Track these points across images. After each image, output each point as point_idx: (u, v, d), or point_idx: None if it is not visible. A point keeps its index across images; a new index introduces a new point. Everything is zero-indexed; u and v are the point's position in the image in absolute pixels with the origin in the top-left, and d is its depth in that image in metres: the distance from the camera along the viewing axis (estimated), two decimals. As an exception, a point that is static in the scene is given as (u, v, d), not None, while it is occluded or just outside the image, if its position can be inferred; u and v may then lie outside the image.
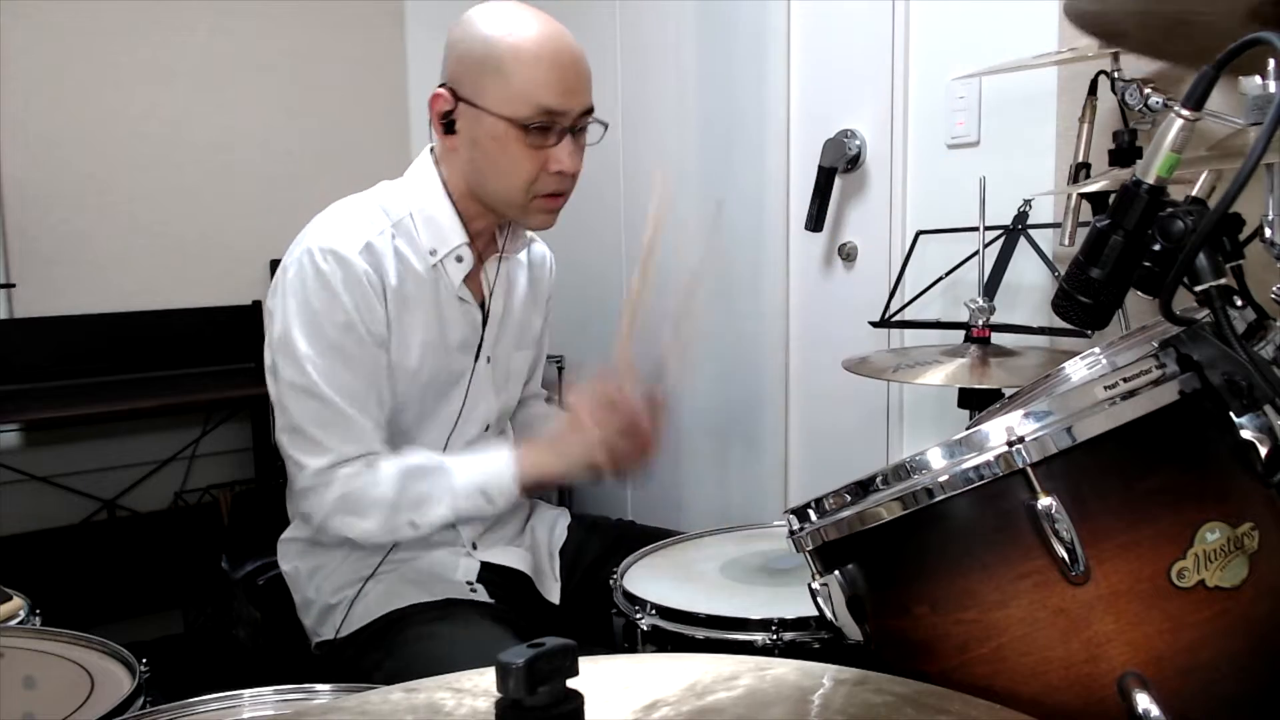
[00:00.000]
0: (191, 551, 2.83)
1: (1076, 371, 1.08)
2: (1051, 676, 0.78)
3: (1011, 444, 0.78)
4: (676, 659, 0.80)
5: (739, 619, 1.13)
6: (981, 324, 1.68)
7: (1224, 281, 0.81)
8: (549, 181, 1.34)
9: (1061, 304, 0.92)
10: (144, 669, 1.00)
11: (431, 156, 1.41)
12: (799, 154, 2.43)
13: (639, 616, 1.18)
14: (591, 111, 1.35)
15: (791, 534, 0.92)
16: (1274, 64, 1.02)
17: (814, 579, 0.90)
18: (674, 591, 1.23)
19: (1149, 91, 1.48)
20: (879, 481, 0.85)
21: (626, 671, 0.75)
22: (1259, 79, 1.07)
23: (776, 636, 1.10)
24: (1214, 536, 0.78)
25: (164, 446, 2.92)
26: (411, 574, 1.41)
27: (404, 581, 1.40)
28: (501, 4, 1.34)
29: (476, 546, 1.47)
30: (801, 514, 0.92)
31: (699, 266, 1.43)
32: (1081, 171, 1.64)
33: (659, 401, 1.37)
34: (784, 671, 0.72)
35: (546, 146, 1.31)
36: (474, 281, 1.44)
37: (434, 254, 1.38)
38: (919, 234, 2.06)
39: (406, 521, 1.34)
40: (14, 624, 1.17)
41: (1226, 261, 0.83)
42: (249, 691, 0.98)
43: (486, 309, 1.45)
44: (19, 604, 1.21)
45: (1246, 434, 0.78)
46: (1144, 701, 0.74)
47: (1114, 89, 1.55)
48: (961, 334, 1.72)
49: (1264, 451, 0.78)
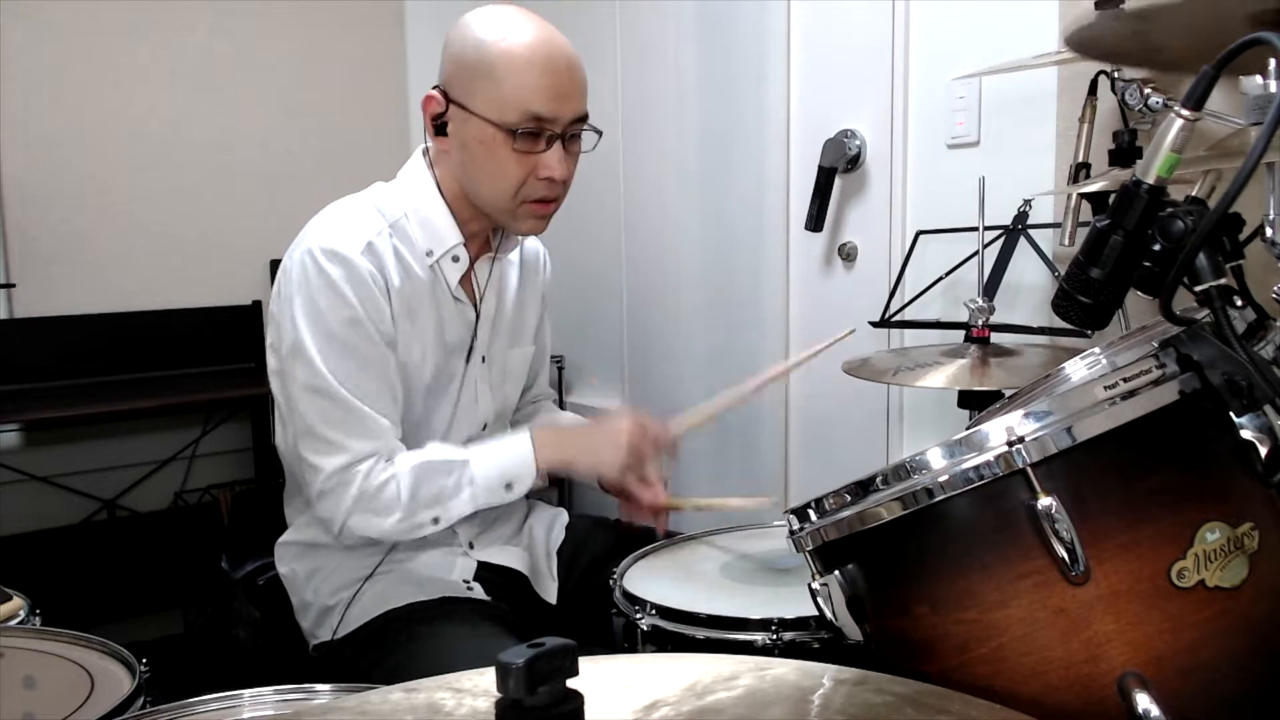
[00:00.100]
0: (191, 551, 2.83)
1: (1076, 371, 1.08)
2: (1051, 676, 0.78)
3: (1011, 444, 0.78)
4: (676, 659, 0.80)
5: (739, 619, 1.13)
6: (981, 324, 1.67)
7: (1224, 281, 0.81)
8: (537, 187, 1.33)
9: (1061, 304, 0.92)
10: (144, 669, 1.00)
11: (425, 159, 1.41)
12: (799, 154, 2.42)
13: (639, 616, 1.18)
14: (585, 119, 1.35)
15: (791, 534, 0.93)
16: (1274, 64, 1.02)
17: (814, 579, 0.91)
18: (674, 591, 1.23)
19: (1149, 91, 1.49)
20: (879, 481, 0.85)
21: (626, 671, 0.74)
22: (1259, 79, 1.07)
23: (776, 636, 1.09)
24: (1214, 536, 0.78)
25: (164, 446, 2.92)
26: (408, 574, 1.41)
27: (401, 582, 1.40)
28: (499, 8, 1.33)
29: (474, 546, 1.47)
30: (801, 514, 0.92)
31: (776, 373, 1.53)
32: (1081, 171, 1.64)
33: (672, 450, 1.44)
34: (784, 671, 0.72)
35: (535, 152, 1.31)
36: (467, 282, 1.45)
37: (430, 255, 1.38)
38: (919, 234, 2.06)
39: (429, 518, 1.34)
40: (14, 624, 1.17)
41: (1226, 261, 0.83)
42: (249, 691, 0.98)
43: (479, 309, 1.46)
44: (19, 604, 1.21)
45: (1246, 434, 0.78)
46: (1144, 701, 0.74)
47: (1114, 89, 1.55)
48: (961, 334, 1.72)
49: (1264, 451, 0.78)
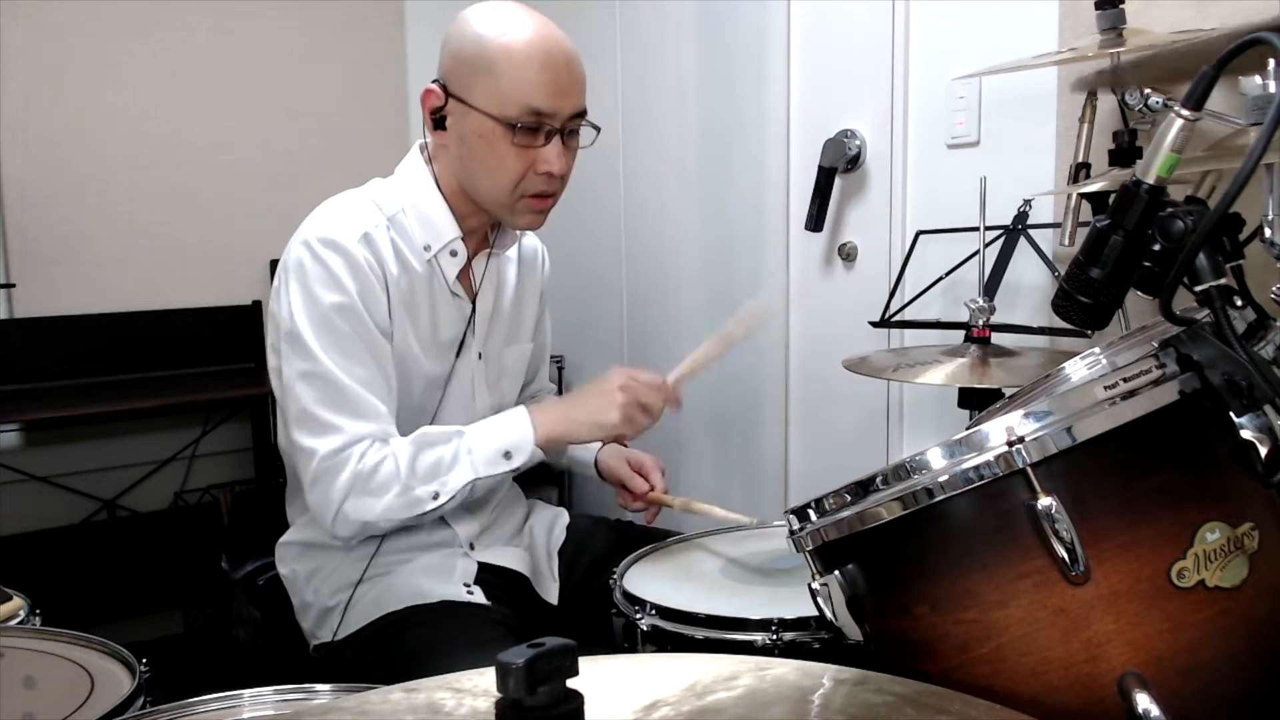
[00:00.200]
0: (191, 551, 2.83)
1: (1076, 371, 1.08)
2: (1051, 676, 0.78)
3: (1011, 444, 0.78)
4: (676, 659, 0.80)
5: (739, 619, 1.13)
6: (981, 324, 1.68)
7: (1224, 281, 0.81)
8: (536, 182, 1.34)
9: (1061, 304, 0.92)
10: (144, 669, 1.00)
11: (422, 154, 1.42)
12: (799, 154, 2.42)
13: (639, 616, 1.18)
14: (584, 114, 1.35)
15: (791, 534, 0.92)
16: (1274, 64, 1.02)
17: (814, 579, 0.91)
18: (674, 591, 1.23)
19: (1149, 91, 1.49)
20: (879, 481, 0.85)
21: (626, 671, 0.74)
22: (1259, 79, 1.07)
23: (776, 636, 1.09)
24: (1214, 536, 0.78)
25: (164, 446, 2.92)
26: (408, 575, 1.40)
27: (401, 584, 1.39)
28: (498, 4, 1.34)
29: (474, 546, 1.47)
30: (801, 514, 0.92)
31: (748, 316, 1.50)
32: (1081, 171, 1.64)
33: (675, 398, 1.41)
34: (784, 671, 0.72)
35: (534, 147, 1.31)
36: (464, 278, 1.45)
37: (428, 249, 1.39)
38: (919, 234, 2.05)
39: (428, 493, 1.31)
40: (14, 624, 1.17)
41: (1226, 261, 0.83)
42: (249, 691, 0.98)
43: (476, 305, 1.46)
44: (19, 604, 1.20)
45: (1246, 434, 0.78)
46: (1144, 701, 0.74)
47: (1114, 89, 1.55)
48: (961, 334, 1.72)
49: (1264, 451, 0.78)
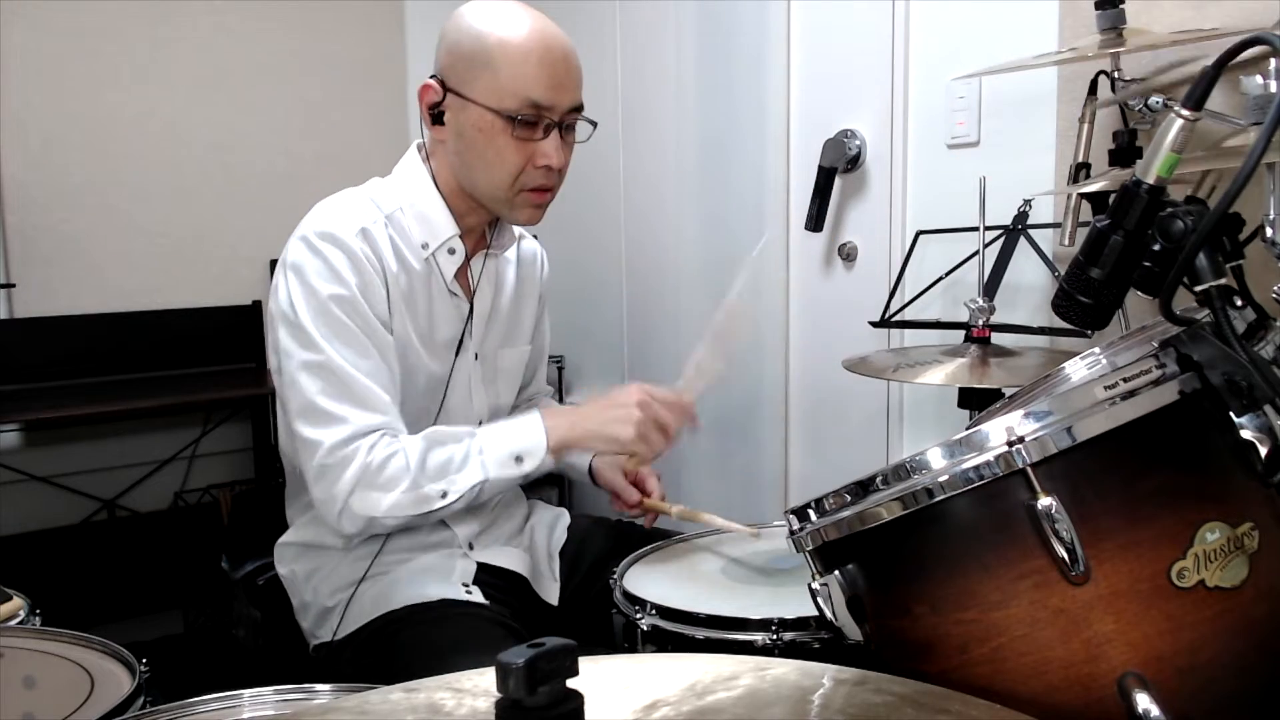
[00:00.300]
0: (191, 551, 2.83)
1: (1076, 371, 1.08)
2: (1051, 676, 0.78)
3: (1011, 444, 0.78)
4: (676, 659, 0.80)
5: (739, 619, 1.13)
6: (981, 324, 1.68)
7: (1224, 281, 0.81)
8: (535, 175, 1.34)
9: (1061, 304, 0.92)
10: (144, 669, 1.00)
11: (420, 153, 1.42)
12: (799, 154, 2.42)
13: (639, 616, 1.18)
14: (581, 109, 1.36)
15: (791, 534, 0.93)
16: (1274, 64, 1.02)
17: (814, 579, 0.91)
18: (674, 591, 1.23)
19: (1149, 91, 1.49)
20: (879, 481, 0.85)
21: (626, 671, 0.74)
22: (1259, 79, 1.07)
23: (776, 636, 1.09)
24: (1214, 536, 0.78)
25: (164, 446, 2.92)
26: (407, 575, 1.40)
27: (400, 583, 1.39)
28: (494, 1, 1.34)
29: (473, 547, 1.47)
30: (801, 514, 0.92)
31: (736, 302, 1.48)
32: (1081, 171, 1.64)
33: (690, 414, 1.41)
34: (784, 671, 0.72)
35: (533, 140, 1.32)
36: (462, 278, 1.45)
37: (426, 247, 1.39)
38: (919, 234, 2.05)
39: (437, 491, 1.29)
40: (14, 624, 1.17)
41: (1226, 261, 0.83)
42: (249, 691, 0.98)
43: (473, 304, 1.46)
44: (19, 604, 1.20)
45: (1246, 434, 0.78)
46: (1144, 701, 0.74)
47: (1114, 89, 1.55)
48: (961, 334, 1.72)
49: (1264, 451, 0.78)
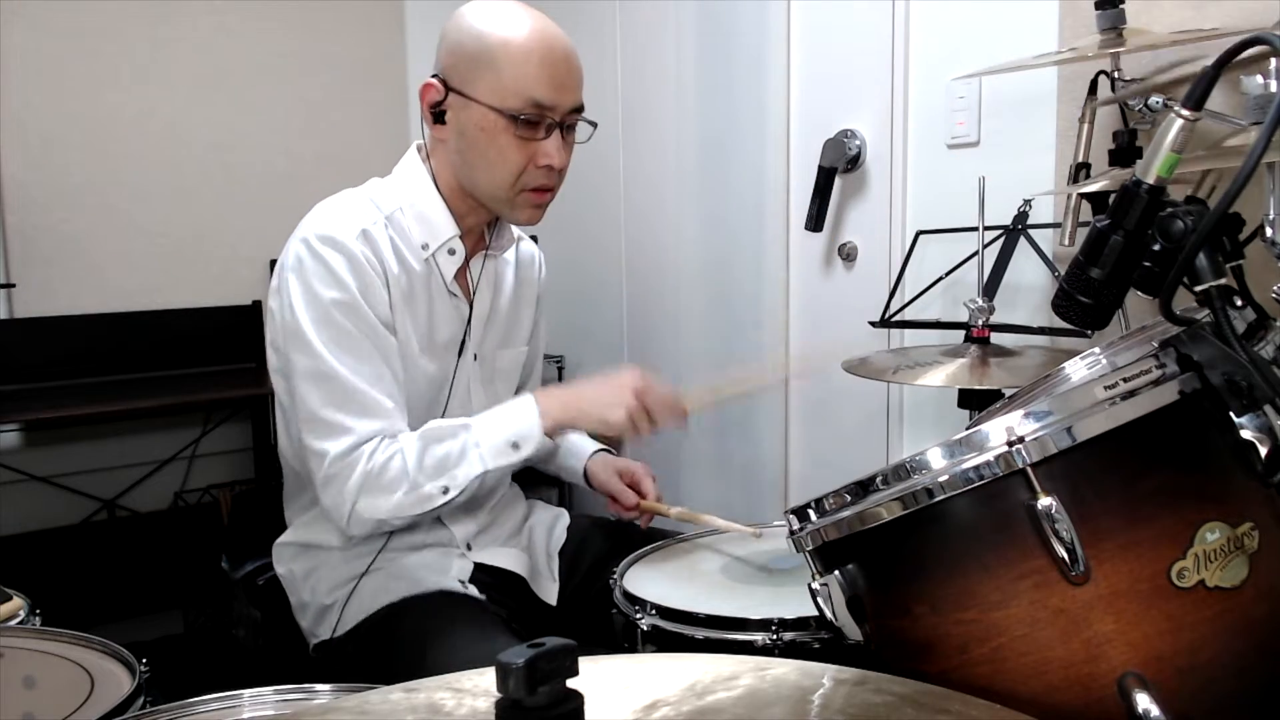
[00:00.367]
0: (191, 551, 2.83)
1: (1076, 371, 1.08)
2: (1051, 676, 0.78)
3: (1011, 444, 0.78)
4: (676, 659, 0.80)
5: (739, 619, 1.13)
6: (981, 324, 1.68)
7: (1224, 281, 0.81)
8: (536, 175, 1.34)
9: (1061, 304, 0.92)
10: (144, 669, 1.00)
11: (419, 154, 1.42)
12: (799, 154, 2.42)
13: (639, 616, 1.18)
14: (581, 110, 1.36)
15: (791, 534, 0.92)
16: (1274, 64, 1.02)
17: (814, 579, 0.91)
18: (674, 591, 1.23)
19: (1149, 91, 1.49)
20: (879, 481, 0.85)
21: (626, 671, 0.74)
22: (1259, 79, 1.07)
23: (776, 636, 1.09)
24: (1214, 536, 0.78)
25: (164, 446, 2.92)
26: (405, 570, 1.40)
27: (397, 577, 1.39)
28: (494, 2, 1.34)
29: (471, 547, 1.47)
30: (801, 514, 0.92)
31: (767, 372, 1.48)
32: (1081, 171, 1.64)
33: (684, 419, 1.40)
34: (784, 671, 0.72)
35: (535, 140, 1.32)
36: (462, 279, 1.45)
37: (426, 248, 1.39)
38: (919, 234, 2.05)
39: (438, 488, 1.31)
40: (14, 624, 1.17)
41: (1226, 261, 0.83)
42: (249, 691, 0.98)
43: (473, 305, 1.46)
44: (19, 604, 1.21)
45: (1246, 434, 0.78)
46: (1144, 701, 0.74)
47: (1114, 89, 1.55)
48: (961, 334, 1.72)
49: (1264, 451, 0.78)
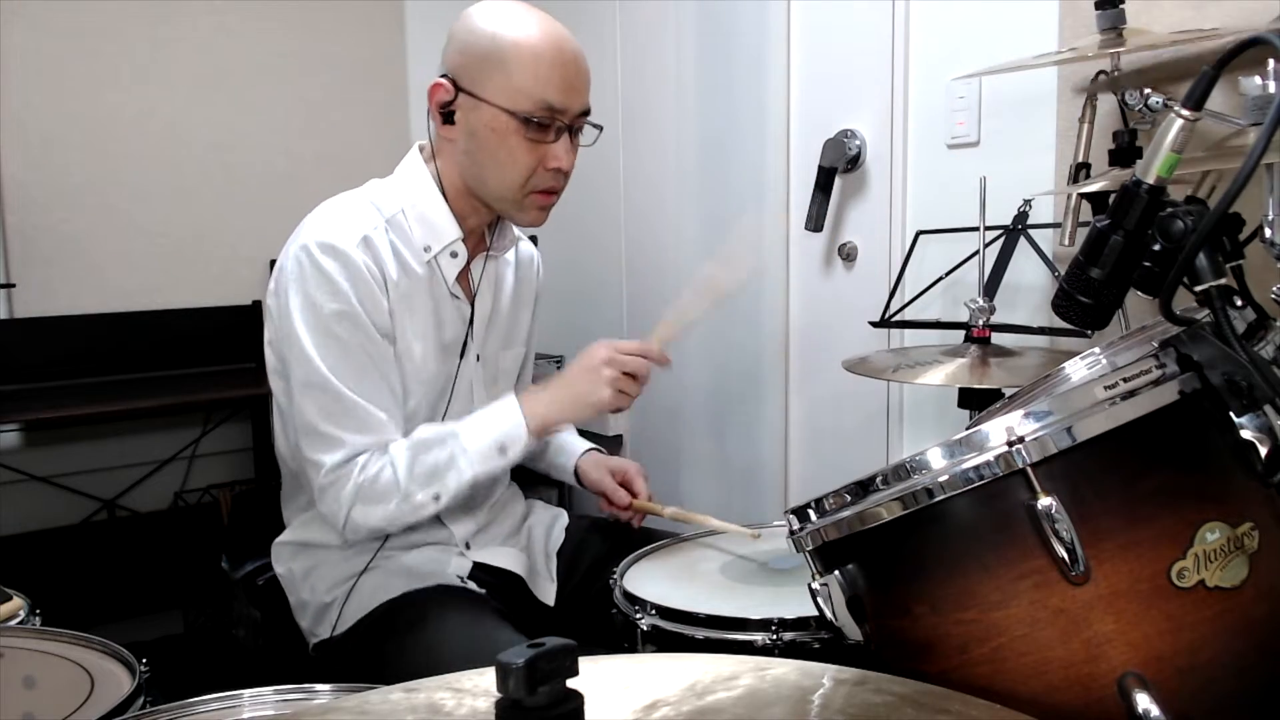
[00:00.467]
0: (191, 551, 2.83)
1: (1076, 371, 1.08)
2: (1051, 676, 0.78)
3: (1011, 444, 0.78)
4: (676, 659, 0.80)
5: (739, 619, 1.13)
6: (981, 324, 1.68)
7: (1224, 281, 0.81)
8: (545, 178, 1.35)
9: (1061, 304, 0.92)
10: (144, 669, 1.00)
11: (421, 155, 1.42)
12: (799, 154, 2.42)
13: (639, 616, 1.18)
14: (589, 113, 1.36)
15: (791, 534, 0.93)
16: (1274, 64, 1.02)
17: (814, 579, 0.91)
18: (674, 591, 1.23)
19: (1149, 91, 1.49)
20: (879, 481, 0.85)
21: (626, 671, 0.74)
22: (1259, 79, 1.07)
23: (776, 636, 1.10)
24: (1214, 536, 0.78)
25: (164, 446, 2.92)
26: (404, 568, 1.41)
27: (396, 574, 1.40)
28: (504, 2, 1.34)
29: (470, 546, 1.47)
30: (801, 514, 0.92)
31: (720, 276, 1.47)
32: (1081, 171, 1.64)
33: (662, 358, 1.40)
34: (784, 671, 0.72)
35: (545, 142, 1.32)
36: (463, 280, 1.45)
37: (428, 250, 1.39)
38: (919, 234, 2.05)
39: (429, 496, 1.32)
40: (14, 624, 1.17)
41: (1226, 261, 0.83)
42: (249, 691, 0.98)
43: (475, 306, 1.46)
44: (19, 604, 1.21)
45: (1246, 434, 0.78)
46: (1144, 701, 0.74)
47: (1114, 89, 1.55)
48: (961, 334, 1.72)
49: (1264, 451, 0.78)
